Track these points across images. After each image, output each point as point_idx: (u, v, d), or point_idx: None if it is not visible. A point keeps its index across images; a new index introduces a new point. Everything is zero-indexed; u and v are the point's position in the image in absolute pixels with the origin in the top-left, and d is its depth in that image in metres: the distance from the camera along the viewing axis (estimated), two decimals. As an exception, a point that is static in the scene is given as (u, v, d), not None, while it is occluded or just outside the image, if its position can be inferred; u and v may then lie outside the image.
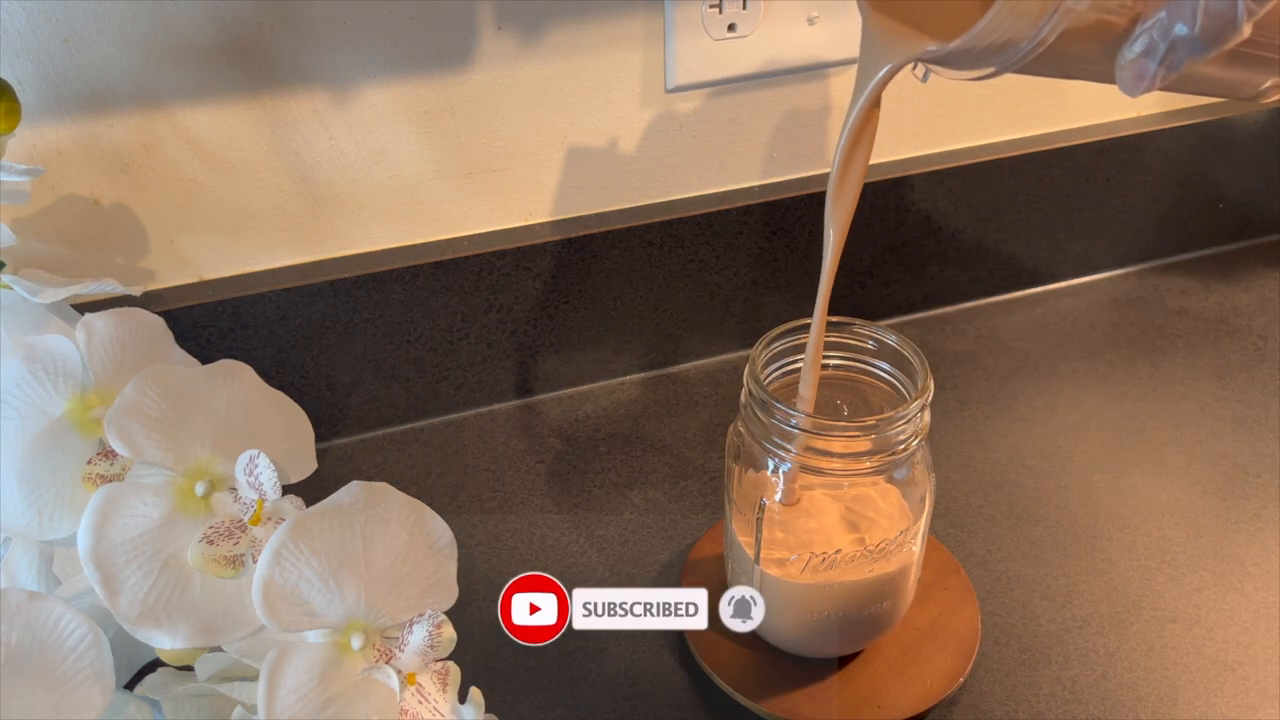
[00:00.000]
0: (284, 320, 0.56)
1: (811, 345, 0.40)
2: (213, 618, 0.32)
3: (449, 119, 0.56)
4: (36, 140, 0.50)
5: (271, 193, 0.55)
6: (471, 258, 0.58)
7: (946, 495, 0.55)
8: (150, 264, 0.55)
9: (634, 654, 0.48)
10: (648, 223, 0.60)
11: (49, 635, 0.30)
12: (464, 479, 0.58)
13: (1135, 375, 0.64)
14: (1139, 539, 0.53)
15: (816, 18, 0.58)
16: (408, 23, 0.52)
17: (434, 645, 0.33)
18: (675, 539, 0.54)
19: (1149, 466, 0.57)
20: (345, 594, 0.32)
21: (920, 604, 0.48)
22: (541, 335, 0.62)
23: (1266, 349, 0.65)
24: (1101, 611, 0.49)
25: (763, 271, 0.64)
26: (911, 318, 0.70)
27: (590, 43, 0.56)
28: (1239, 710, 0.44)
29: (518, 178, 0.59)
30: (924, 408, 0.40)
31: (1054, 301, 0.71)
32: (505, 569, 0.52)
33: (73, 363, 0.35)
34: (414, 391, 0.61)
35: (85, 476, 0.35)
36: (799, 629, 0.44)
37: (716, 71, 0.58)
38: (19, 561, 0.36)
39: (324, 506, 0.34)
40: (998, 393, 0.63)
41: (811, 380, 0.41)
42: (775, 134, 0.62)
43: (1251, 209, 0.75)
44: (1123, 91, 0.31)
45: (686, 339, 0.65)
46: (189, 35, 0.49)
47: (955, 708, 0.45)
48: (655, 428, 0.61)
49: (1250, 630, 0.47)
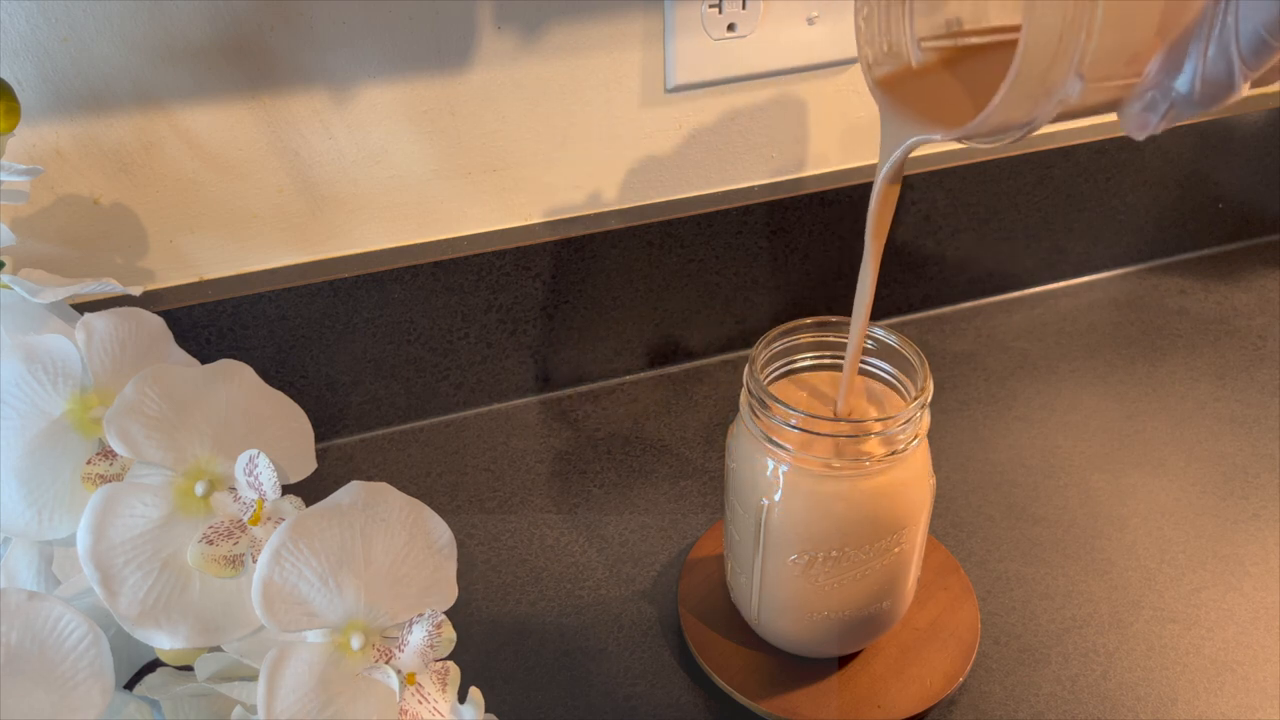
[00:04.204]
0: (284, 320, 0.56)
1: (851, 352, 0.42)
2: (212, 618, 0.32)
3: (449, 119, 0.56)
4: (36, 140, 0.50)
5: (271, 193, 0.55)
6: (471, 257, 0.58)
7: (946, 495, 0.55)
8: (150, 264, 0.55)
9: (634, 654, 0.48)
10: (648, 223, 0.60)
11: (49, 635, 0.30)
12: (464, 479, 0.58)
13: (1135, 375, 0.64)
14: (1139, 539, 0.53)
15: (816, 18, 0.58)
16: (407, 22, 0.52)
17: (434, 645, 0.33)
18: (675, 539, 0.54)
19: (1149, 466, 0.57)
20: (345, 594, 0.32)
21: (920, 604, 0.48)
22: (541, 335, 0.62)
23: (1266, 349, 0.65)
24: (1101, 611, 0.49)
25: (763, 271, 0.64)
26: (911, 318, 0.70)
27: (590, 43, 0.56)
28: (1239, 710, 0.44)
29: (518, 178, 0.59)
30: (924, 407, 0.40)
31: (1054, 301, 0.71)
32: (505, 569, 0.52)
33: (72, 362, 0.35)
34: (414, 391, 0.61)
35: (85, 476, 0.35)
36: (799, 629, 0.44)
37: (716, 71, 0.58)
38: (18, 561, 0.36)
39: (324, 506, 0.34)
40: (997, 393, 0.63)
41: (847, 381, 0.42)
42: (775, 134, 0.62)
43: (1251, 209, 0.75)
44: (1127, 134, 0.32)
45: (686, 339, 0.65)
46: (189, 35, 0.49)
47: (955, 708, 0.45)
48: (655, 428, 0.61)
49: (1250, 630, 0.47)
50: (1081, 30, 0.29)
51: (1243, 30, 0.28)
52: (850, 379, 0.42)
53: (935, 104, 0.36)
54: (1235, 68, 0.29)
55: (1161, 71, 0.30)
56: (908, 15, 0.36)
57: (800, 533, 0.41)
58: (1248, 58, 0.28)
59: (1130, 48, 0.30)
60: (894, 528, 0.41)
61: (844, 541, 0.41)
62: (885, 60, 0.37)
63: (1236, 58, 0.28)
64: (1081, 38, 0.29)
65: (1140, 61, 0.30)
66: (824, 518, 0.41)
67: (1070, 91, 0.30)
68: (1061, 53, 0.29)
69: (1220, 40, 0.29)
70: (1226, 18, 0.28)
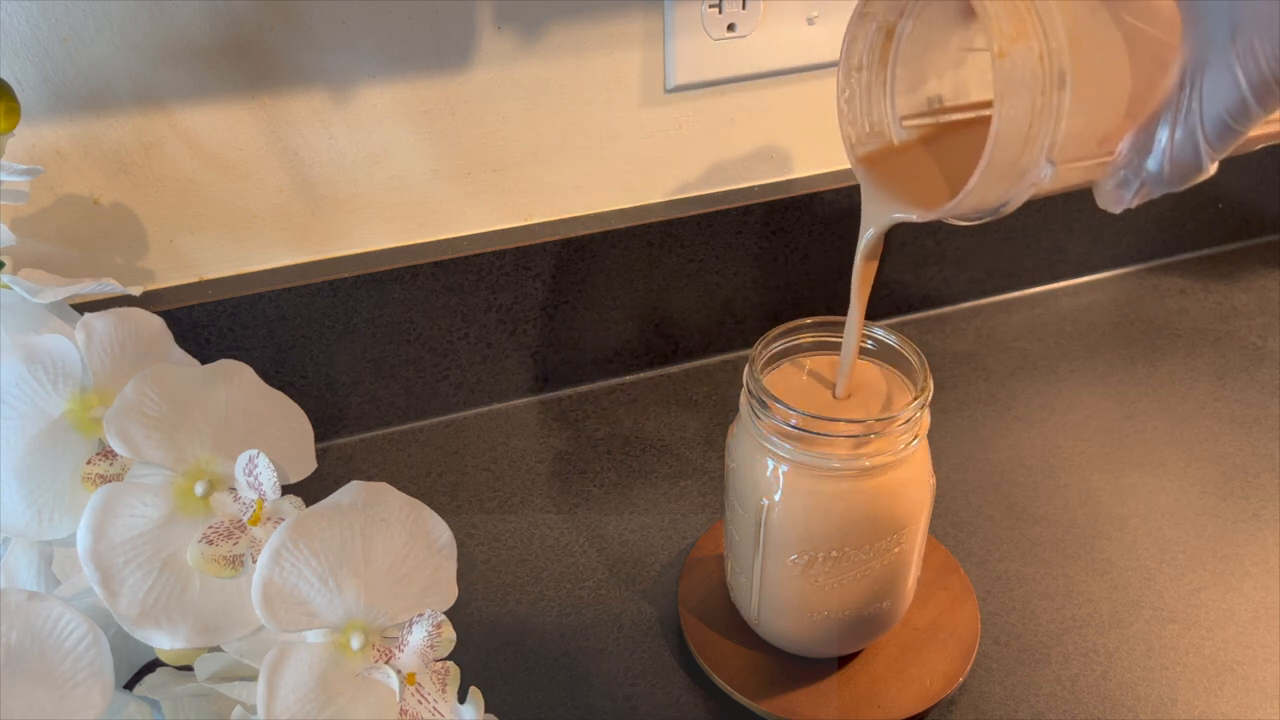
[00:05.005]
0: (284, 320, 0.56)
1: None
2: (212, 618, 0.32)
3: (449, 119, 0.56)
4: (36, 140, 0.50)
5: (271, 193, 0.55)
6: (471, 258, 0.58)
7: (946, 495, 0.55)
8: (150, 264, 0.55)
9: (634, 654, 0.48)
10: (648, 223, 0.60)
11: (48, 635, 0.30)
12: (464, 479, 0.58)
13: (1135, 375, 0.64)
14: (1139, 539, 0.53)
15: (816, 18, 0.58)
16: (407, 22, 0.52)
17: (434, 645, 0.33)
18: (675, 539, 0.54)
19: (1149, 466, 0.57)
20: (345, 594, 0.32)
21: (920, 604, 0.48)
22: (541, 335, 0.62)
23: (1266, 349, 0.65)
24: (1101, 611, 0.49)
25: (763, 271, 0.64)
26: (911, 318, 0.70)
27: (590, 43, 0.56)
28: (1239, 710, 0.44)
29: (517, 178, 0.59)
30: (924, 407, 0.40)
31: (1054, 301, 0.71)
32: (505, 569, 0.52)
33: (72, 363, 0.35)
34: (414, 391, 0.61)
35: (85, 476, 0.35)
36: (799, 629, 0.44)
37: (716, 71, 0.58)
38: (18, 561, 0.36)
39: (324, 506, 0.34)
40: (997, 393, 0.63)
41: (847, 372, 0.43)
42: (775, 134, 0.62)
43: (1251, 209, 0.75)
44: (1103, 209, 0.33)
45: (686, 339, 0.65)
46: (189, 35, 0.49)
47: (955, 708, 0.45)
48: (655, 428, 0.61)
49: (1250, 630, 0.47)
50: (1050, 117, 0.30)
51: (1207, 114, 0.29)
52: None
53: (915, 184, 0.37)
54: (1202, 150, 0.30)
55: (1132, 151, 0.31)
56: (889, 95, 0.37)
57: (800, 533, 0.41)
58: (1213, 141, 0.29)
59: (1100, 129, 0.31)
60: (894, 528, 0.41)
61: (844, 541, 0.41)
62: (868, 140, 0.38)
63: (1203, 141, 0.29)
64: (1051, 124, 0.30)
65: (1111, 141, 0.31)
66: (824, 518, 0.41)
67: (1042, 176, 0.31)
68: (1032, 139, 0.30)
69: (1186, 124, 0.29)
70: (1191, 102, 0.29)
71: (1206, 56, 0.28)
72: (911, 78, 0.37)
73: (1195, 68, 0.29)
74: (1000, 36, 0.29)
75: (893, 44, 0.36)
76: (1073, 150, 0.31)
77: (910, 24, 0.36)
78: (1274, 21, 0.27)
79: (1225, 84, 0.28)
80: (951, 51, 0.37)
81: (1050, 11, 0.30)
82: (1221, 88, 0.28)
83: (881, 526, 0.41)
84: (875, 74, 0.37)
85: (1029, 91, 0.30)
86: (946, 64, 0.37)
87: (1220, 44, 0.28)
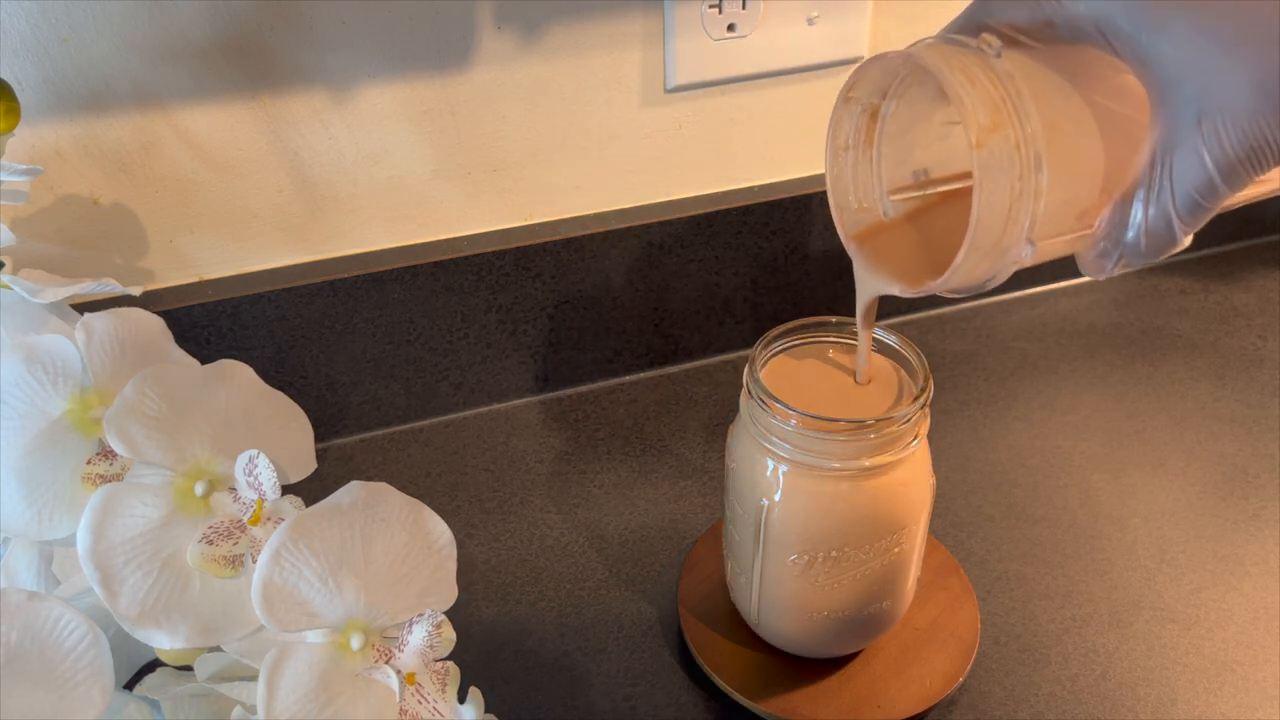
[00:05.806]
0: (284, 320, 0.56)
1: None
2: (212, 618, 0.32)
3: (449, 119, 0.56)
4: (36, 140, 0.50)
5: (271, 193, 0.55)
6: (471, 258, 0.58)
7: (946, 495, 0.55)
8: (150, 264, 0.55)
9: (634, 654, 0.48)
10: (647, 223, 0.60)
11: (48, 635, 0.30)
12: (464, 479, 0.58)
13: (1135, 375, 0.64)
14: (1139, 539, 0.53)
15: (816, 18, 0.58)
16: (407, 22, 0.52)
17: (434, 645, 0.33)
18: (675, 539, 0.54)
19: (1149, 466, 0.57)
20: (345, 594, 0.32)
21: (920, 604, 0.48)
22: (541, 335, 0.62)
23: (1266, 349, 0.65)
24: (1101, 611, 0.49)
25: (763, 271, 0.64)
26: (911, 318, 0.70)
27: (590, 43, 0.56)
28: (1238, 710, 0.44)
29: (517, 178, 0.59)
30: (924, 408, 0.40)
31: (1054, 301, 0.71)
32: (505, 569, 0.52)
33: (72, 363, 0.35)
34: (414, 391, 0.61)
35: (85, 476, 0.35)
36: (799, 629, 0.44)
37: (716, 71, 0.58)
38: (18, 561, 0.36)
39: (324, 506, 0.34)
40: (997, 393, 0.63)
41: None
42: (775, 134, 0.62)
43: (1251, 209, 0.75)
44: (1087, 275, 0.35)
45: (686, 339, 0.65)
46: (189, 35, 0.49)
47: (955, 708, 0.45)
48: (655, 428, 0.61)
49: (1249, 630, 0.47)
50: (1029, 199, 0.31)
51: (1177, 192, 0.30)
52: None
53: (903, 262, 0.38)
54: (1175, 226, 0.31)
55: (1110, 225, 0.32)
56: (876, 171, 0.38)
57: (800, 533, 0.41)
58: (1184, 217, 0.30)
59: (1078, 206, 0.32)
60: (894, 528, 0.41)
61: (844, 541, 0.41)
62: (858, 216, 0.39)
63: (1175, 217, 0.30)
64: (1029, 205, 0.31)
65: (1090, 216, 0.33)
66: (824, 518, 0.41)
67: (1024, 254, 0.32)
68: (1013, 219, 0.31)
69: (1159, 202, 0.30)
70: (1163, 180, 0.30)
71: (1175, 138, 0.29)
72: (897, 153, 0.38)
73: (1165, 148, 0.30)
74: (978, 128, 0.30)
75: (877, 124, 0.37)
76: (1052, 226, 0.32)
77: (894, 104, 0.37)
78: (1237, 107, 0.28)
79: (1193, 165, 0.29)
80: (935, 126, 0.38)
81: (1024, 99, 0.31)
82: (1190, 168, 0.29)
83: (881, 526, 0.41)
84: (862, 153, 0.38)
85: (1007, 177, 0.31)
86: (931, 138, 0.38)
87: (1187, 127, 0.29)
